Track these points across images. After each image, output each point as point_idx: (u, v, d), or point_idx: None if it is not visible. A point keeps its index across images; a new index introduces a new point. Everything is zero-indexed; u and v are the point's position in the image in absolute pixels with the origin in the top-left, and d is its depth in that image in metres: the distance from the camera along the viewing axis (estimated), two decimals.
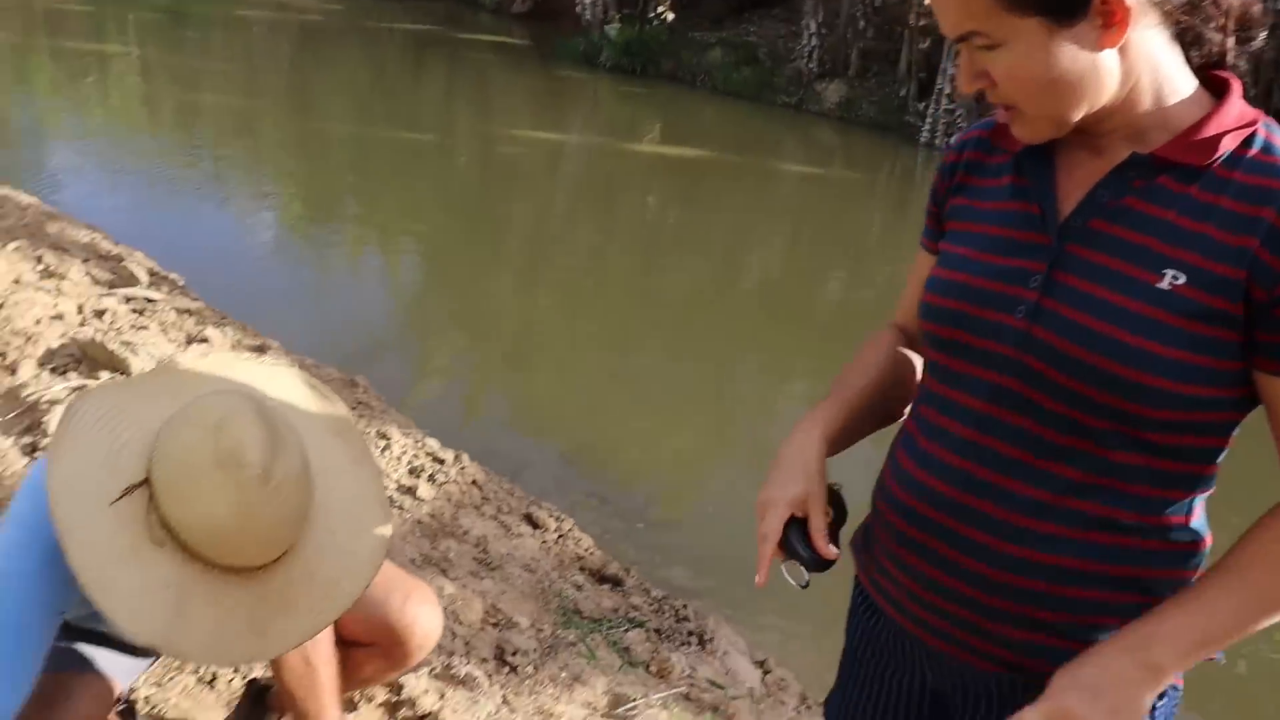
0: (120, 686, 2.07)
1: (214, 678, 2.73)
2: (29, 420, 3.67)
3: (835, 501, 1.32)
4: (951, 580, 1.26)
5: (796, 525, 1.27)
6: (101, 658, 2.01)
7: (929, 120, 14.66)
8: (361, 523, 1.69)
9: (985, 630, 1.27)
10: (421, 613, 2.15)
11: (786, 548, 1.27)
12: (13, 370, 4.13)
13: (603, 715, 2.88)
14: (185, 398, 1.59)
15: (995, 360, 1.21)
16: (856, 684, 1.50)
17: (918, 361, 1.47)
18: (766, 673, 3.63)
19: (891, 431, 1.43)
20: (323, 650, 2.06)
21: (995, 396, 1.21)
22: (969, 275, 1.26)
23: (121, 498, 1.53)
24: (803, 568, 1.27)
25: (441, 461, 4.22)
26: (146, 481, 1.53)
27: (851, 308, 8.44)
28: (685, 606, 3.71)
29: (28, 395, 3.85)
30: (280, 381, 1.78)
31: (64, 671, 1.95)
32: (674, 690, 3.05)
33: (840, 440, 1.35)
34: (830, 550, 1.25)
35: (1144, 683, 1.10)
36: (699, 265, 8.93)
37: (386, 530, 1.71)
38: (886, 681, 1.46)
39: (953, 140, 1.42)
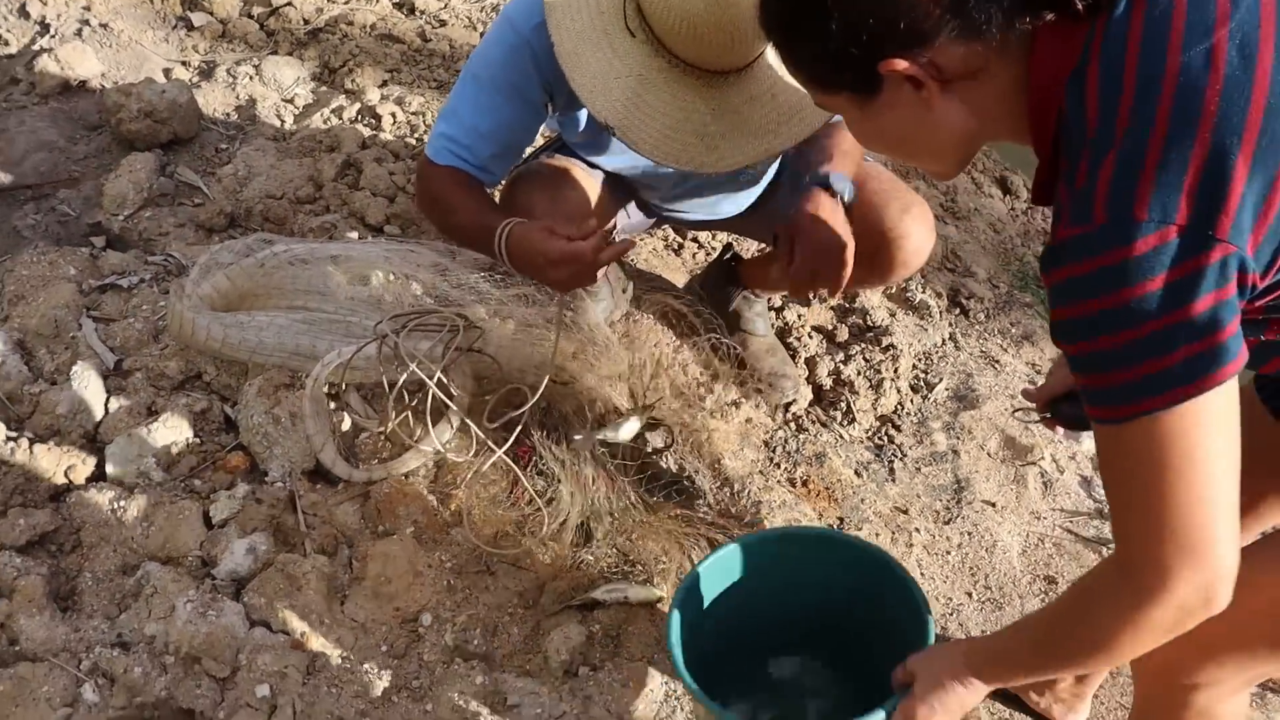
0: (612, 212, 2.25)
1: (680, 246, 2.93)
2: None
3: None
4: None
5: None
6: (602, 180, 2.18)
7: None
8: None
9: None
10: (916, 228, 2.10)
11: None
12: None
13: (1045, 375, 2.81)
14: None
15: None
16: None
17: None
18: None
19: None
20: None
21: None
22: None
23: None
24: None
25: None
26: None
27: None
28: None
29: None
30: None
31: (573, 164, 2.14)
32: None
33: None
34: None
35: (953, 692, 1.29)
36: None
37: None
38: None
39: None
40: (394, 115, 3.09)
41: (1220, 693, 1.31)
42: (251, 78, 3.21)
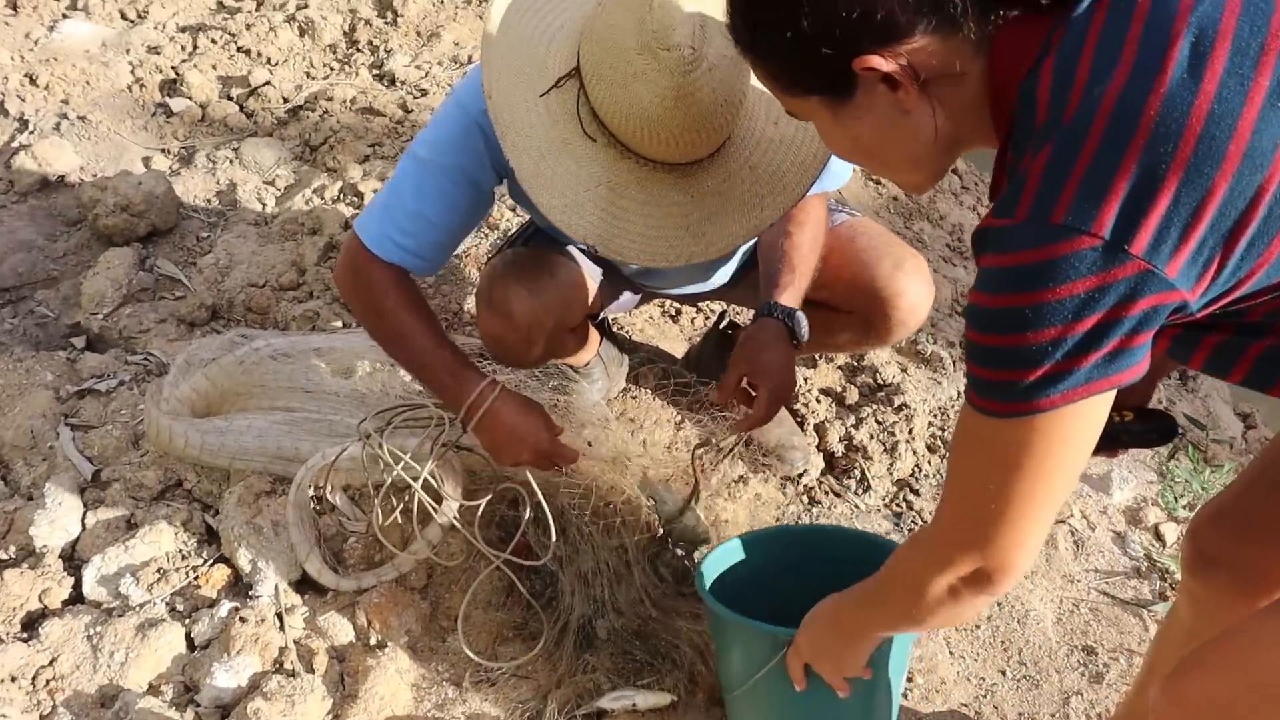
0: (597, 296, 2.14)
1: (678, 312, 2.83)
2: None
3: None
4: None
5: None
6: (585, 261, 2.08)
7: None
8: None
9: None
10: (911, 285, 1.97)
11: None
12: None
13: None
14: None
15: None
16: None
17: None
18: (1250, 428, 3.20)
19: None
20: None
21: None
22: None
23: (553, 89, 1.49)
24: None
25: None
26: (577, 71, 1.47)
27: None
28: None
29: None
30: None
31: (550, 251, 2.03)
32: None
33: None
34: None
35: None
36: None
37: None
38: None
39: None
40: (376, 192, 3.00)
41: None
42: (231, 161, 3.14)
